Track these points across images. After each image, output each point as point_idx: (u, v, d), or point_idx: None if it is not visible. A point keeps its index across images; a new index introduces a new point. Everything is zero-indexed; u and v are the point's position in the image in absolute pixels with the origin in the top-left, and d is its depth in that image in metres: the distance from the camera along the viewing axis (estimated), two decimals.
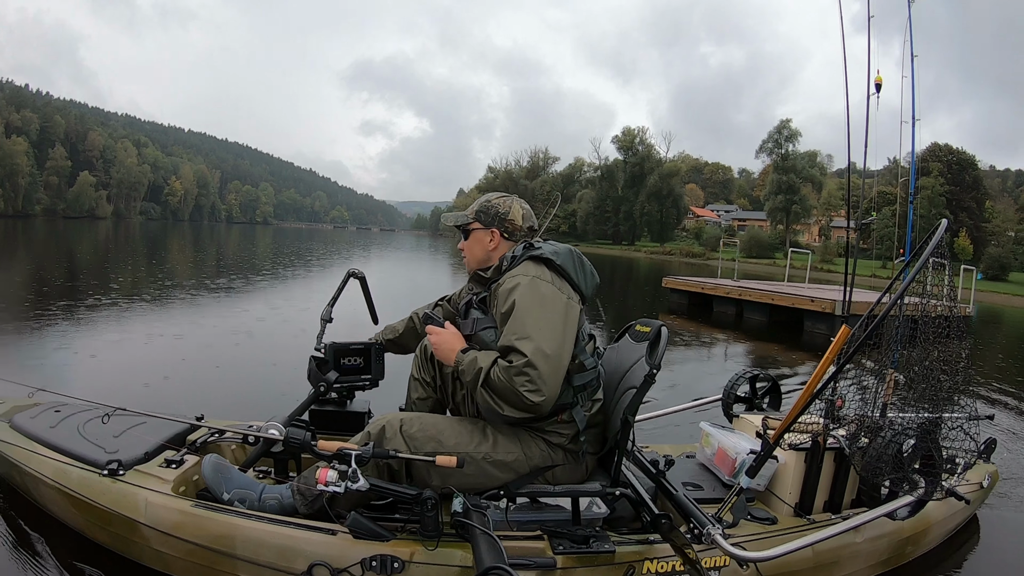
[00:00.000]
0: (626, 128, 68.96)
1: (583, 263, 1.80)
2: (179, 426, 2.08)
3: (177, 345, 5.43)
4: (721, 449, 2.19)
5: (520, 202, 1.91)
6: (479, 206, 1.89)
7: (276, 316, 7.75)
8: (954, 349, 2.14)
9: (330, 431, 2.07)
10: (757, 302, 10.62)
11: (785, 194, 53.50)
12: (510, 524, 1.76)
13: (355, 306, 2.44)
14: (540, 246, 1.79)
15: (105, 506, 1.80)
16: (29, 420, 2.15)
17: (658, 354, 1.81)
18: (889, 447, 1.98)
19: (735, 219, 73.77)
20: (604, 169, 68.75)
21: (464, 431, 1.77)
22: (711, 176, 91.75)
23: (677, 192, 66.13)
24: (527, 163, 79.74)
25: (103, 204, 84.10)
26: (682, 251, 55.57)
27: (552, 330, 1.62)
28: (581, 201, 68.57)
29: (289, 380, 4.26)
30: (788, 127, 55.18)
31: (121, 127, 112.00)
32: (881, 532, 2.10)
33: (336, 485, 1.58)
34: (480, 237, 1.88)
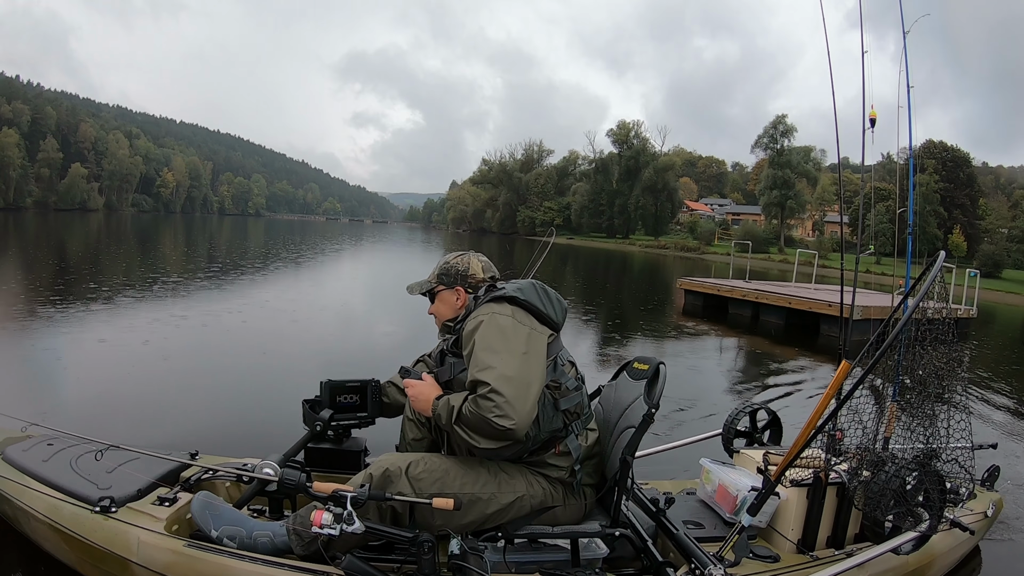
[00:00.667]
0: (621, 122, 69.36)
1: (547, 293, 1.82)
2: (172, 463, 2.05)
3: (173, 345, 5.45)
4: (722, 486, 2.17)
5: (477, 256, 1.99)
6: (439, 270, 1.96)
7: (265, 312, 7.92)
8: (954, 379, 2.13)
9: (326, 469, 2.05)
10: (774, 305, 10.65)
11: (780, 189, 53.89)
12: (508, 565, 1.74)
13: (352, 343, 2.42)
14: (503, 287, 1.83)
15: (97, 544, 1.77)
16: (22, 453, 2.12)
17: (656, 393, 1.80)
18: (892, 481, 1.96)
19: (729, 213, 74.19)
20: (599, 162, 69.00)
21: (470, 472, 1.74)
22: (704, 170, 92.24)
23: (672, 186, 66.49)
24: (521, 156, 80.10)
25: (95, 196, 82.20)
26: (677, 245, 55.97)
27: (512, 356, 1.63)
28: (576, 194, 68.91)
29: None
30: (784, 123, 55.58)
31: (113, 118, 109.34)
32: (885, 567, 2.07)
33: (331, 528, 1.56)
34: (446, 297, 1.94)
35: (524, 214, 73.05)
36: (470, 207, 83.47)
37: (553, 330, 1.80)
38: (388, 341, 7.03)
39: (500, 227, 75.20)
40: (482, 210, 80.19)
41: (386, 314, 9.19)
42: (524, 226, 72.01)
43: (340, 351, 6.22)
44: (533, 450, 1.77)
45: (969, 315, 12.34)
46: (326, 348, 6.29)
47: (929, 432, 2.09)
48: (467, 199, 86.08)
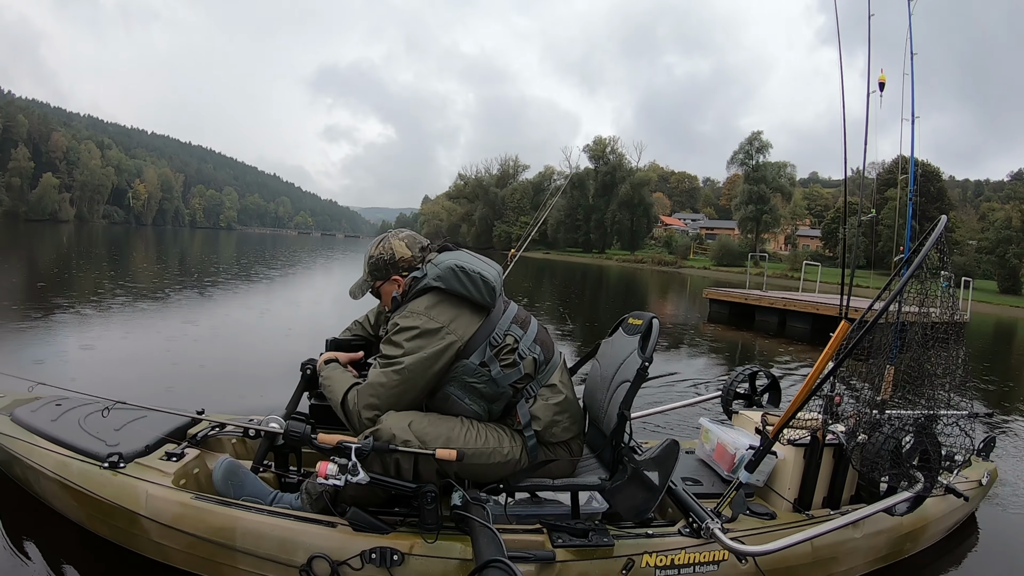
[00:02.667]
0: (597, 137, 70.72)
1: (468, 275, 1.76)
2: (180, 420, 2.08)
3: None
4: (720, 445, 2.19)
5: (394, 235, 1.94)
6: (368, 266, 1.92)
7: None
8: (952, 347, 2.15)
9: (331, 426, 2.07)
10: (801, 312, 11.43)
11: (756, 204, 55.00)
12: (509, 518, 1.77)
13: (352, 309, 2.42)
14: (424, 273, 1.81)
15: (106, 498, 1.81)
16: (30, 413, 2.15)
17: (650, 346, 1.82)
18: (888, 443, 1.98)
19: (702, 227, 75.08)
20: (575, 178, 68.99)
21: (472, 428, 1.77)
22: (677, 185, 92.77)
23: (648, 201, 67.20)
24: (497, 171, 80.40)
25: (66, 207, 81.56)
26: (653, 259, 56.84)
27: (401, 359, 1.70)
28: (552, 209, 67.99)
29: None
30: (759, 139, 57.04)
31: (84, 128, 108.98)
32: (880, 528, 2.10)
33: (336, 478, 1.58)
34: (387, 289, 1.91)
35: (500, 229, 73.26)
36: (445, 222, 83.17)
37: (483, 310, 1.79)
38: None
39: (476, 241, 74.16)
40: (457, 225, 79.68)
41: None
42: (500, 241, 71.93)
43: None
44: (499, 418, 1.81)
45: (963, 319, 13.00)
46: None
47: (926, 396, 2.11)
48: (442, 214, 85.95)
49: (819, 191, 78.86)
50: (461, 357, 1.74)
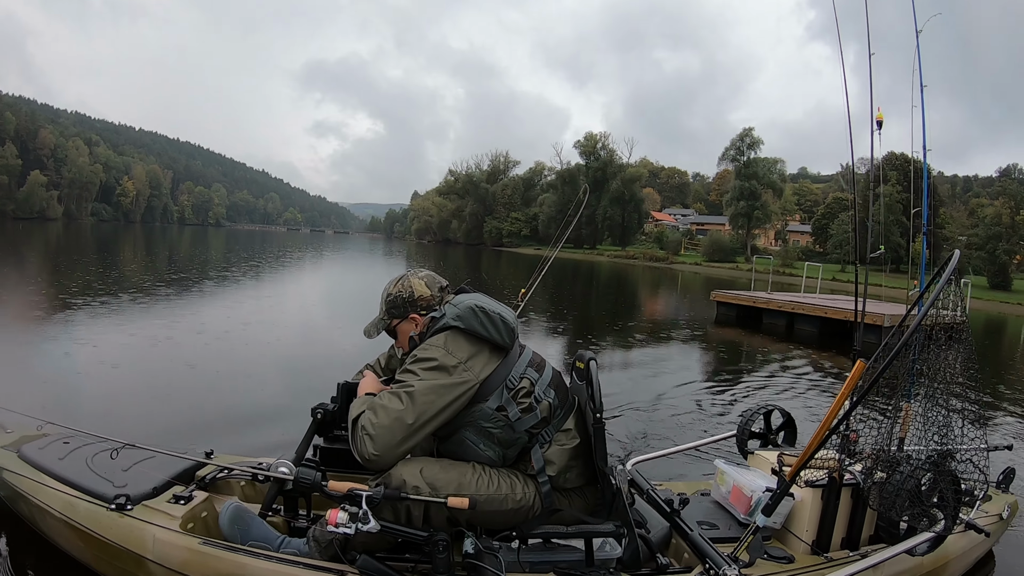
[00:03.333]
0: (588, 133, 70.34)
1: (488, 316, 1.75)
2: (188, 462, 2.06)
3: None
4: (736, 487, 2.15)
5: (415, 276, 1.91)
6: (386, 304, 1.89)
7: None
8: (965, 379, 2.11)
9: (340, 469, 2.05)
10: (809, 315, 11.68)
11: (747, 200, 55.28)
12: (522, 565, 1.74)
13: (365, 346, 2.40)
14: (443, 313, 1.79)
15: (112, 541, 1.79)
16: (38, 451, 2.14)
17: (596, 395, 1.76)
18: (907, 482, 1.94)
19: (693, 223, 75.41)
20: (566, 174, 69.67)
21: (484, 475, 1.74)
22: (667, 180, 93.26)
23: (639, 197, 67.54)
24: (487, 167, 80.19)
25: (54, 205, 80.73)
26: (645, 255, 56.98)
27: (415, 394, 1.65)
28: (543, 205, 69.42)
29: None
30: (751, 135, 57.24)
31: (72, 125, 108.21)
32: (900, 569, 2.06)
33: (347, 526, 1.56)
34: (404, 328, 1.88)
35: (491, 225, 73.47)
36: (435, 218, 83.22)
37: (500, 351, 1.77)
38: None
39: (466, 238, 75.28)
40: (447, 221, 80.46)
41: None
42: (491, 237, 72.46)
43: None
44: (512, 464, 1.78)
45: (964, 319, 13.44)
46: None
47: (944, 432, 2.08)
48: (432, 210, 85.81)
49: (808, 187, 79.67)
50: (478, 401, 1.71)
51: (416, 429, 1.64)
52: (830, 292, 18.35)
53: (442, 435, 1.77)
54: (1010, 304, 28.74)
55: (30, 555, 2.08)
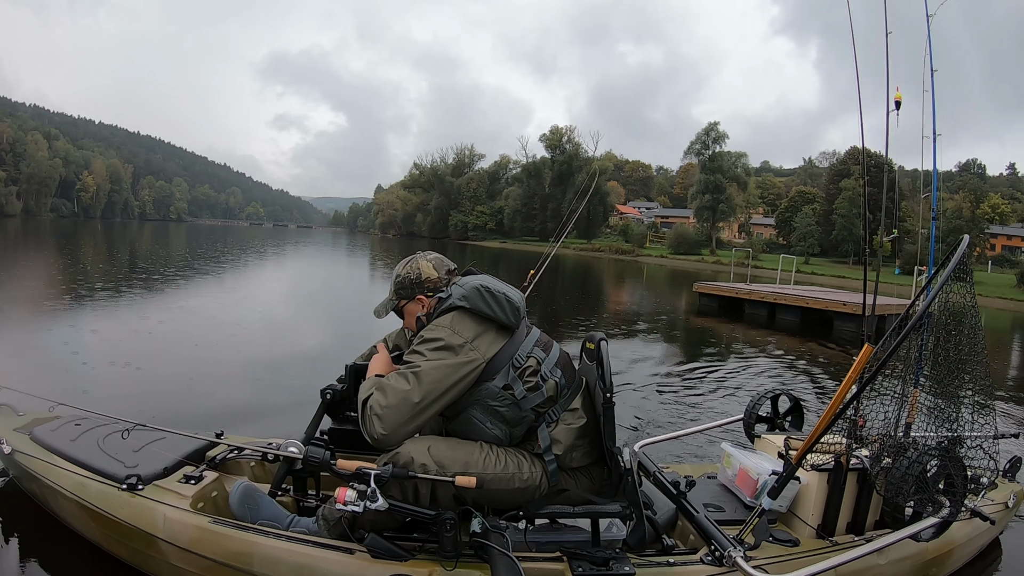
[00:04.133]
0: (554, 127, 70.02)
1: (493, 295, 1.76)
2: (198, 442, 2.09)
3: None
4: (742, 470, 2.16)
5: (423, 257, 1.94)
6: (395, 285, 1.92)
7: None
8: (976, 364, 2.11)
9: (349, 450, 2.07)
10: (791, 305, 12.14)
11: (712, 193, 55.61)
12: (529, 545, 1.75)
13: (373, 326, 2.41)
14: (450, 294, 1.81)
15: (123, 520, 1.81)
16: (50, 433, 2.16)
17: (606, 374, 1.77)
18: (913, 468, 1.94)
19: (657, 216, 75.53)
20: (531, 167, 69.33)
21: (491, 453, 1.75)
22: (631, 174, 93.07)
23: (604, 190, 66.98)
24: (453, 160, 79.45)
25: (12, 201, 78.33)
26: (610, 248, 57.23)
27: (423, 372, 1.66)
28: (508, 198, 69.36)
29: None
30: (716, 129, 57.57)
31: (30, 118, 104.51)
32: (904, 554, 2.06)
33: (355, 504, 1.57)
34: (412, 309, 1.91)
35: (456, 218, 72.96)
36: (400, 211, 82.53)
37: (507, 330, 1.78)
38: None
39: (431, 231, 74.68)
40: (412, 214, 79.62)
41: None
42: (456, 230, 71.87)
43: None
44: (519, 443, 1.79)
45: (932, 310, 14.56)
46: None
47: (952, 418, 2.07)
48: (396, 203, 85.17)
49: (771, 180, 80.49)
50: (484, 380, 1.72)
51: (423, 408, 1.64)
52: (801, 283, 19.18)
53: (449, 414, 1.78)
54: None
55: (42, 535, 2.11)
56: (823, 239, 51.59)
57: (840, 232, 50.05)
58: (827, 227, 51.32)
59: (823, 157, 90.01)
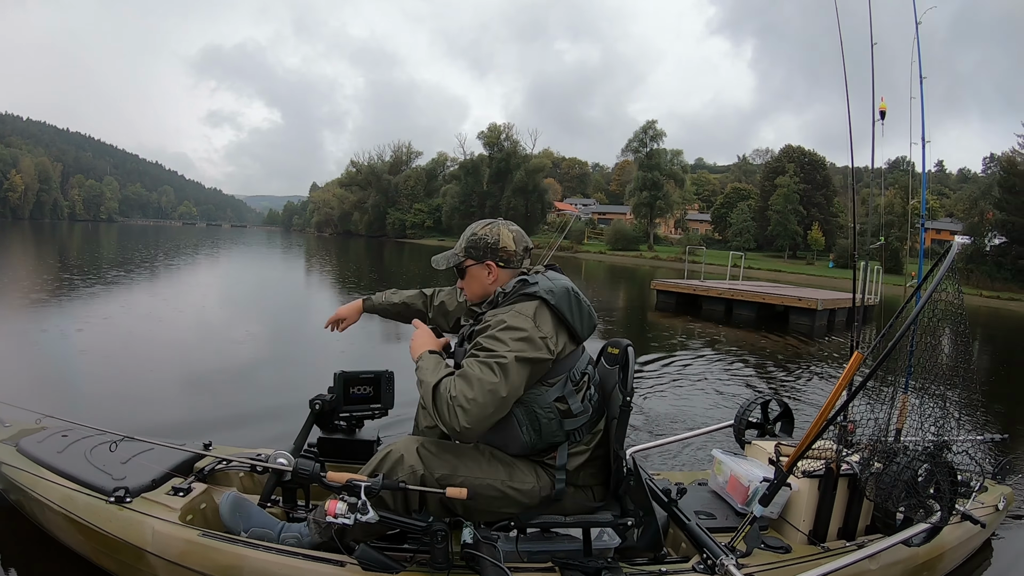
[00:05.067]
0: (492, 124, 71.26)
1: (580, 304, 1.72)
2: (186, 454, 2.07)
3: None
4: (733, 477, 2.16)
5: (507, 225, 1.85)
6: (467, 242, 1.83)
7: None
8: (963, 369, 2.12)
9: (339, 460, 2.06)
10: (748, 301, 12.75)
11: (650, 190, 56.65)
12: (520, 555, 1.74)
13: (364, 336, 2.40)
14: (536, 281, 1.71)
15: (111, 533, 1.79)
16: (36, 444, 2.14)
17: (629, 379, 1.76)
18: (903, 473, 1.95)
19: (594, 212, 75.96)
20: (469, 164, 69.33)
21: (481, 458, 1.74)
22: (568, 171, 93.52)
23: (542, 187, 67.78)
24: (390, 157, 78.77)
25: None
26: (549, 244, 56.75)
27: (505, 361, 1.58)
28: (446, 196, 69.22)
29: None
30: (654, 128, 58.82)
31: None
32: (896, 559, 2.07)
33: (345, 517, 1.56)
34: (476, 273, 1.82)
35: (394, 216, 72.57)
36: (336, 210, 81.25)
37: (575, 342, 1.74)
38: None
39: (368, 230, 73.99)
40: (349, 213, 78.32)
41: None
42: (394, 228, 71.49)
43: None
44: (535, 452, 1.76)
45: (872, 303, 15.77)
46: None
47: (940, 424, 2.09)
48: (332, 201, 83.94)
49: (706, 177, 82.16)
50: (542, 383, 1.68)
51: (508, 402, 1.58)
52: (750, 278, 20.17)
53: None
54: (901, 287, 29.98)
55: (30, 549, 2.08)
56: (759, 234, 53.54)
57: (775, 227, 52.00)
58: (762, 223, 53.32)
59: (756, 154, 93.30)
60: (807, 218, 52.73)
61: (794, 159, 54.96)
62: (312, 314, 9.28)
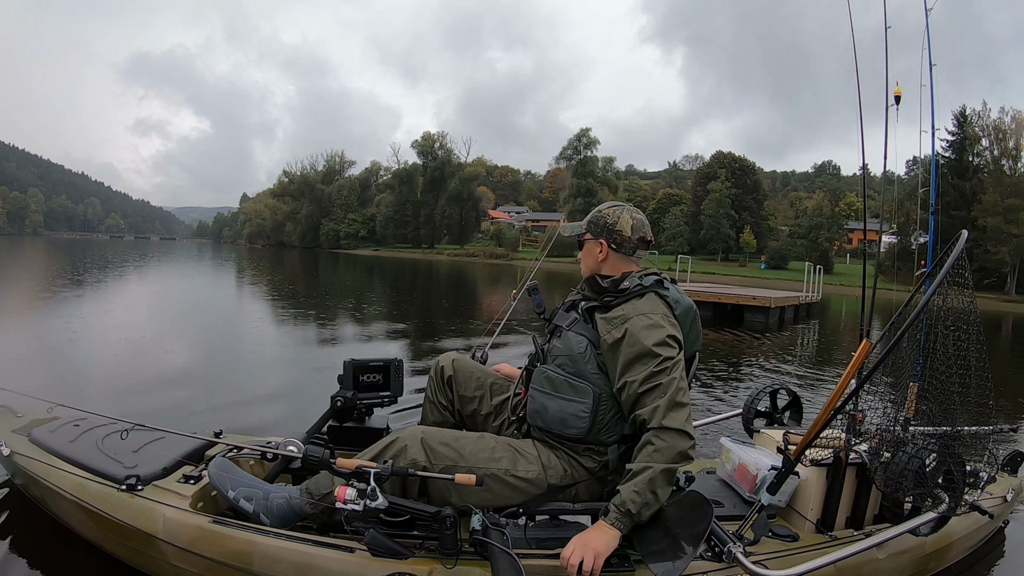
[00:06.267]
0: (426, 133, 70.49)
1: (696, 324, 1.79)
2: (197, 442, 2.08)
3: None
4: (742, 465, 2.16)
5: (631, 211, 1.86)
6: (592, 216, 1.88)
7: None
8: (973, 360, 2.11)
9: (348, 447, 2.07)
10: (704, 301, 13.29)
11: (584, 197, 57.67)
12: (529, 542, 1.75)
13: (373, 327, 2.41)
14: (669, 288, 1.78)
15: (123, 521, 1.81)
16: (48, 434, 2.16)
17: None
18: (912, 462, 1.95)
19: (528, 220, 76.80)
20: (403, 173, 69.77)
21: (485, 446, 1.76)
22: (500, 179, 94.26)
23: (477, 195, 68.34)
24: (323, 167, 78.21)
25: None
26: (485, 252, 58.63)
27: (674, 369, 1.64)
28: (380, 205, 69.44)
29: None
30: (588, 135, 60.71)
31: None
32: (904, 548, 2.06)
33: (355, 503, 1.57)
34: (591, 248, 1.86)
35: (328, 227, 72.07)
36: (268, 220, 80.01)
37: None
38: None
39: (302, 240, 73.33)
40: (282, 223, 77.31)
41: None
42: (328, 239, 71.00)
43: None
44: (575, 440, 1.77)
45: (813, 300, 16.99)
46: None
47: (951, 413, 2.08)
48: (265, 212, 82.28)
49: (637, 182, 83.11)
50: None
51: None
52: (695, 280, 21.01)
53: (572, 369, 1.74)
54: (832, 285, 30.94)
55: (42, 537, 2.11)
56: (692, 238, 54.88)
57: (708, 231, 53.58)
58: (695, 227, 55.01)
59: (686, 160, 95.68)
60: (739, 221, 55.05)
61: (725, 164, 57.14)
62: (244, 331, 8.42)
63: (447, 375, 2.05)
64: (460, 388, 2.05)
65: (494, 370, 2.14)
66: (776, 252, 50.97)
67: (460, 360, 2.09)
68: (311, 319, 9.69)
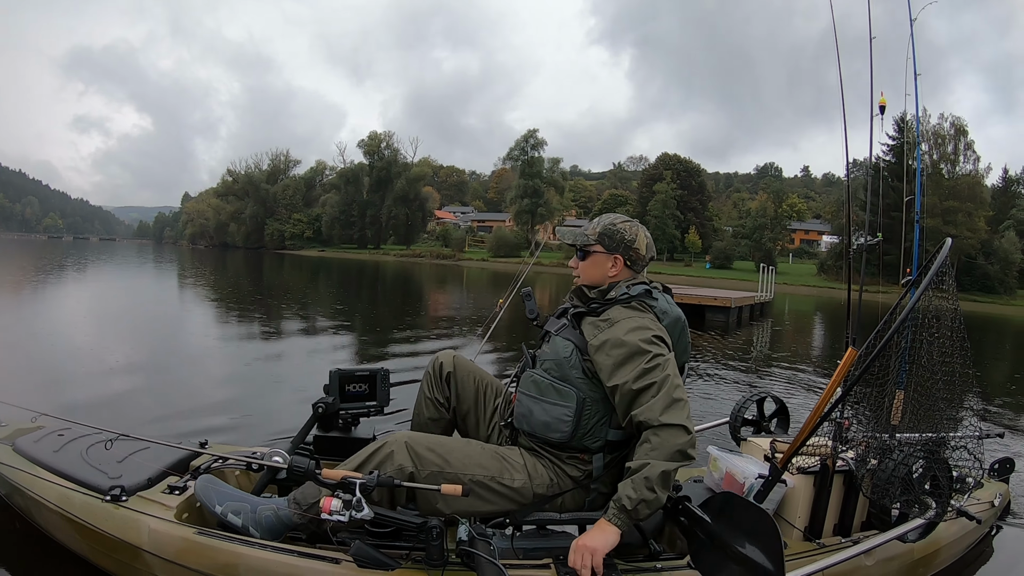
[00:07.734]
0: (372, 133, 70.34)
1: (684, 334, 1.79)
2: (182, 452, 2.07)
3: None
4: (729, 473, 2.16)
5: (644, 230, 1.86)
6: (603, 228, 1.83)
7: None
8: (957, 367, 2.12)
9: (334, 457, 2.06)
10: None
11: (531, 198, 58.66)
12: (516, 552, 1.74)
13: (357, 339, 2.39)
14: (657, 299, 1.78)
15: (108, 532, 1.79)
16: (32, 444, 2.14)
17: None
18: (899, 469, 1.96)
19: (474, 220, 77.38)
20: (349, 173, 69.34)
21: (472, 453, 1.76)
22: (446, 179, 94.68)
23: (423, 196, 68.40)
24: (268, 166, 76.52)
25: None
26: (431, 253, 59.21)
27: (668, 369, 1.64)
28: (326, 206, 68.96)
29: None
30: (535, 136, 61.16)
31: None
32: (892, 555, 2.07)
33: (340, 514, 1.57)
34: (600, 261, 1.83)
35: (273, 227, 70.60)
36: (211, 221, 77.51)
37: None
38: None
39: (246, 241, 71.83)
40: (225, 224, 74.91)
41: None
42: (273, 239, 70.04)
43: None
44: (558, 446, 1.77)
45: (764, 300, 17.25)
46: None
47: (936, 419, 2.09)
48: (208, 212, 79.88)
49: (582, 183, 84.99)
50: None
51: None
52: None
53: (557, 373, 1.74)
54: (778, 284, 32.50)
55: (26, 548, 2.08)
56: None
57: (654, 232, 53.50)
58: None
59: (631, 161, 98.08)
60: (684, 222, 56.66)
61: (671, 166, 58.25)
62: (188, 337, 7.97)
63: (446, 371, 2.05)
64: (459, 386, 2.05)
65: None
66: (721, 252, 52.31)
67: (460, 359, 2.09)
68: (255, 321, 9.54)
